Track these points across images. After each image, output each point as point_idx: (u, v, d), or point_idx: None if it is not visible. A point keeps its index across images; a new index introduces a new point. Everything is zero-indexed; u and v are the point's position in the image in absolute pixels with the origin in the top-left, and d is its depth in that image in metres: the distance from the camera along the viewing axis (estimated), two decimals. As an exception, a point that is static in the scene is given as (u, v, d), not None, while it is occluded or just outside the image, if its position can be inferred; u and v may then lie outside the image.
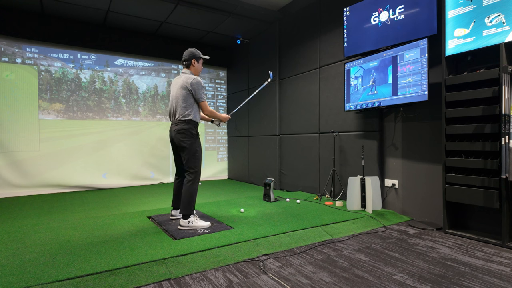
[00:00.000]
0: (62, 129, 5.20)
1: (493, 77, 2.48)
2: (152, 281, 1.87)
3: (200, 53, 3.04)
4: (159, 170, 6.09)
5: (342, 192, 4.07)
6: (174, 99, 2.92)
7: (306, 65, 4.72)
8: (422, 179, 3.28)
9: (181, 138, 2.83)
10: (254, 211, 3.52)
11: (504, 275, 1.96)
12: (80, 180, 5.29)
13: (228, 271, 2.04)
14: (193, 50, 3.01)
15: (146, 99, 6.04)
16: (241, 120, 6.37)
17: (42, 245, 2.39)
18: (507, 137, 2.37)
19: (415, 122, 3.35)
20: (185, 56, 2.98)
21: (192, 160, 2.84)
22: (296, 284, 1.86)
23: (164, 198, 4.51)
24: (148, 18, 5.16)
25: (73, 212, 3.64)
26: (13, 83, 4.85)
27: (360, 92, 3.67)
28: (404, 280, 1.90)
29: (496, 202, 2.45)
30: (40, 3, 4.55)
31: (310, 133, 4.66)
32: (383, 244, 2.56)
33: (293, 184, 5.01)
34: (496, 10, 2.48)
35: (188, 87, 2.83)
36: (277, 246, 2.44)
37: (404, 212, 3.46)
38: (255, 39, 5.96)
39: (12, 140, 4.82)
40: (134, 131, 5.88)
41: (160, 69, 6.20)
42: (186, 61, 2.97)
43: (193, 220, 2.83)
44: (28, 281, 1.80)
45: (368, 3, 3.59)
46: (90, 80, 5.48)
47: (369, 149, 3.75)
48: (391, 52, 3.32)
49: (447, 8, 2.80)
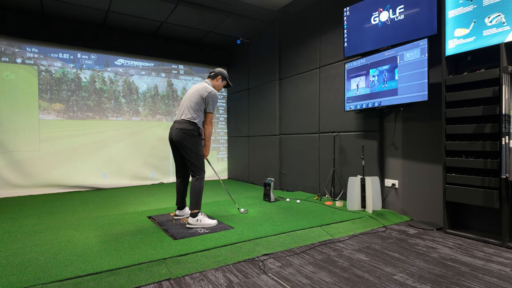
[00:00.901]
0: (62, 129, 5.20)
1: (493, 77, 2.48)
2: (152, 281, 1.87)
3: (228, 77, 3.26)
4: (159, 170, 6.09)
5: (342, 192, 4.07)
6: (187, 100, 3.00)
7: (306, 65, 4.72)
8: (422, 179, 3.28)
9: (184, 137, 2.87)
10: (254, 211, 3.52)
11: (504, 275, 1.96)
12: (80, 180, 5.29)
13: (228, 271, 2.04)
14: (223, 70, 3.22)
15: (146, 99, 6.04)
16: (241, 120, 6.37)
17: (42, 245, 2.40)
18: (507, 137, 2.37)
19: (415, 122, 3.35)
20: (215, 71, 3.19)
21: (196, 159, 2.90)
22: (296, 284, 1.86)
23: (164, 198, 4.51)
24: (148, 18, 5.16)
25: (73, 212, 3.64)
26: (13, 83, 4.85)
27: (360, 92, 3.67)
28: (404, 280, 1.90)
29: (496, 202, 2.45)
30: (40, 3, 4.55)
31: (310, 133, 4.66)
32: (383, 244, 2.56)
33: (293, 184, 5.01)
34: (496, 10, 2.48)
35: (204, 94, 2.94)
36: (277, 246, 2.44)
37: (404, 212, 3.46)
38: (255, 39, 5.96)
39: (12, 140, 4.82)
40: (134, 131, 5.88)
41: (160, 69, 6.20)
42: (214, 73, 3.16)
43: (201, 218, 2.87)
44: (28, 281, 1.80)
45: (368, 3, 3.59)
46: (90, 80, 5.48)
47: (369, 149, 3.75)
48: (391, 52, 3.32)
49: (447, 8, 2.80)
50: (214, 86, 3.13)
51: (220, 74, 3.16)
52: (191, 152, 2.88)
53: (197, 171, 2.90)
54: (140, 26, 5.50)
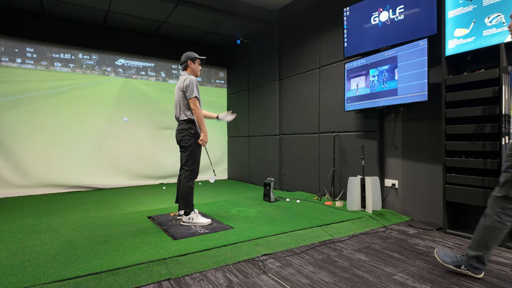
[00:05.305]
0: (62, 129, 5.20)
1: (493, 77, 2.48)
2: (152, 281, 1.87)
3: (196, 54, 3.10)
4: (159, 170, 6.09)
5: (342, 192, 4.07)
6: (176, 102, 3.06)
7: (306, 65, 4.72)
8: (422, 179, 3.28)
9: (182, 137, 2.98)
10: (254, 211, 3.52)
11: (504, 275, 1.96)
12: (80, 180, 5.29)
13: (228, 271, 2.04)
14: (188, 52, 3.10)
15: (146, 100, 6.03)
16: (241, 120, 6.37)
17: (42, 245, 2.39)
18: (507, 137, 2.38)
19: (415, 122, 3.35)
20: (182, 59, 3.10)
21: (189, 158, 2.95)
22: (296, 284, 1.86)
23: (164, 198, 4.51)
24: (148, 18, 5.16)
25: (73, 212, 3.64)
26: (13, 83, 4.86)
27: (360, 92, 3.66)
28: (404, 280, 1.90)
29: (496, 202, 2.45)
30: (40, 3, 4.55)
31: (310, 133, 4.66)
32: (383, 244, 2.56)
33: (293, 184, 5.01)
34: (496, 10, 2.48)
35: (182, 87, 2.95)
36: (277, 246, 2.44)
37: (404, 212, 3.46)
38: (255, 39, 5.96)
39: (12, 140, 4.82)
40: (135, 131, 5.87)
41: (160, 69, 6.20)
42: (183, 63, 3.09)
43: (193, 217, 2.93)
44: (28, 281, 1.80)
45: (368, 3, 3.59)
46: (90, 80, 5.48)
47: (369, 149, 3.75)
48: (391, 52, 3.32)
49: (447, 8, 2.80)
50: (192, 74, 3.07)
51: (187, 59, 3.05)
52: (187, 149, 2.95)
53: (188, 164, 2.94)
54: (140, 26, 5.50)
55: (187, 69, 3.08)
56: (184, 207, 2.95)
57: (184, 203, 2.95)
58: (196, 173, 2.98)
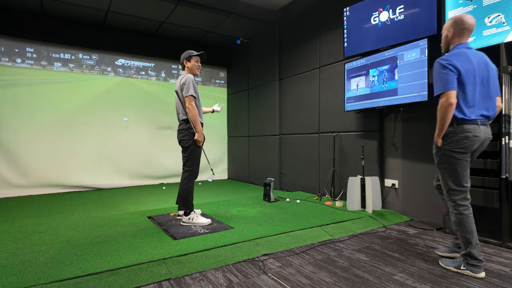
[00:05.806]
0: (63, 129, 5.20)
1: (493, 77, 2.48)
2: (152, 281, 1.87)
3: (192, 52, 3.07)
4: (159, 170, 6.09)
5: (342, 192, 4.07)
6: (176, 102, 3.07)
7: (306, 65, 4.72)
8: (422, 179, 3.28)
9: (181, 138, 2.98)
10: (254, 211, 3.52)
11: (504, 275, 1.96)
12: (80, 180, 5.29)
13: (228, 271, 2.04)
14: (184, 52, 3.11)
15: (147, 101, 6.03)
16: (241, 120, 6.37)
17: (42, 245, 2.39)
18: (507, 137, 2.37)
19: (415, 122, 3.35)
20: (180, 61, 3.12)
21: (188, 158, 2.95)
22: (296, 284, 1.86)
23: (164, 198, 4.51)
24: (148, 18, 5.16)
25: (73, 212, 3.64)
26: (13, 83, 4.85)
27: (360, 92, 3.66)
28: (404, 280, 1.90)
29: (496, 202, 2.45)
30: (40, 3, 4.55)
31: (310, 133, 4.66)
32: (383, 244, 2.56)
33: (293, 184, 5.01)
34: (496, 10, 2.48)
35: (180, 86, 2.96)
36: (277, 246, 2.44)
37: (404, 212, 3.46)
38: (255, 39, 5.96)
39: (12, 140, 4.82)
40: (135, 131, 5.87)
41: (160, 69, 6.20)
42: (181, 64, 3.13)
43: (193, 217, 2.93)
44: (28, 281, 1.80)
45: (368, 3, 3.59)
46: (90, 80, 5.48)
47: (369, 149, 3.75)
48: (391, 52, 3.32)
49: (447, 8, 2.80)
50: (189, 72, 3.06)
51: (182, 59, 3.06)
52: (186, 149, 2.96)
53: (188, 165, 2.95)
54: (140, 26, 5.50)
55: (185, 69, 3.11)
56: (184, 207, 2.97)
57: (184, 203, 2.96)
58: (195, 173, 2.98)
